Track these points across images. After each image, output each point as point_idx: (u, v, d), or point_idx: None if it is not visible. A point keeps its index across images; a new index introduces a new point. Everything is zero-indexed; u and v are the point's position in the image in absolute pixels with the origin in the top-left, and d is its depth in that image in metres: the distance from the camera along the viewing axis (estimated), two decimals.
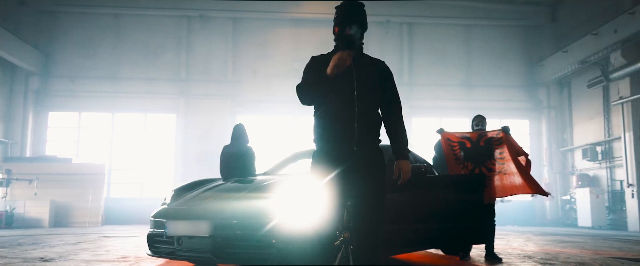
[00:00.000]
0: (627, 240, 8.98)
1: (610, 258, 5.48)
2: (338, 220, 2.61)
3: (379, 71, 2.72)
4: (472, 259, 5.16)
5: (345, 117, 2.56)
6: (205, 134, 16.46)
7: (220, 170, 5.55)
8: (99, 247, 6.35)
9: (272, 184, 3.81)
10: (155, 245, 3.84)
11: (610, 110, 14.70)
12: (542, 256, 5.53)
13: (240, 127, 5.67)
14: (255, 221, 3.37)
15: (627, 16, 13.13)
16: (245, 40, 17.37)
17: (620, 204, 14.05)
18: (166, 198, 4.22)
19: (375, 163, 2.60)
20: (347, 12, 2.68)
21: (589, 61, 14.81)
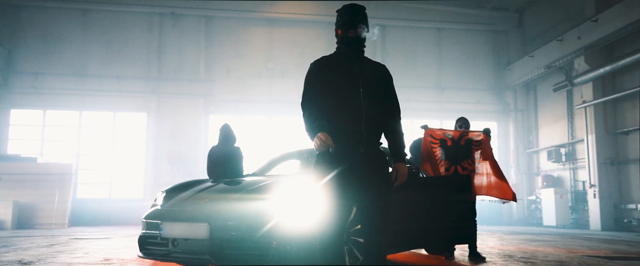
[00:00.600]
0: (593, 239, 9.38)
1: (584, 256, 5.73)
2: (345, 221, 2.63)
3: (381, 74, 2.77)
4: (456, 258, 5.29)
5: (353, 119, 2.59)
6: (177, 134, 16.19)
7: (207, 171, 5.49)
8: (75, 250, 6.16)
9: (269, 185, 3.80)
10: (147, 246, 3.76)
11: (573, 114, 15.31)
12: (521, 255, 5.72)
13: (227, 127, 5.63)
14: (253, 222, 3.36)
15: (590, 24, 13.70)
16: (218, 39, 17.17)
17: (583, 204, 14.65)
18: (157, 199, 4.14)
19: (380, 164, 2.65)
20: (349, 15, 2.71)
21: (554, 66, 15.38)
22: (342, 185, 2.54)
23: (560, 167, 15.77)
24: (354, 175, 2.55)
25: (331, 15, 14.61)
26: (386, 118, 2.73)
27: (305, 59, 17.25)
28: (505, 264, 4.84)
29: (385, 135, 2.76)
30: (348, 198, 2.57)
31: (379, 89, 2.70)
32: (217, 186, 4.16)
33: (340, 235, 2.56)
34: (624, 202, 13.34)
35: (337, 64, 2.70)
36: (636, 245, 7.76)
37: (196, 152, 16.21)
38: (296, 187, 3.67)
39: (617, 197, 13.51)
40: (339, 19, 2.76)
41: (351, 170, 2.55)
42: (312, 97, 2.68)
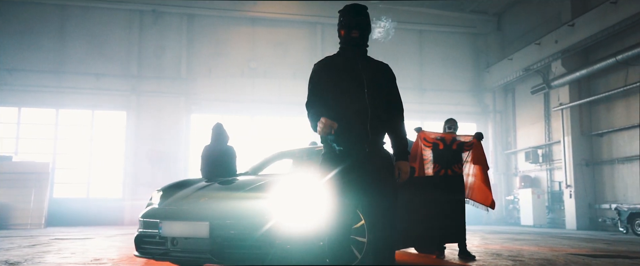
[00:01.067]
0: (571, 238, 9.65)
1: (568, 254, 5.90)
2: (351, 220, 2.64)
3: (384, 73, 2.78)
4: (446, 257, 5.38)
5: (358, 119, 2.60)
6: (157, 133, 15.97)
7: (201, 170, 5.47)
8: (60, 250, 6.03)
9: (269, 184, 3.80)
10: (144, 245, 3.72)
11: (550, 116, 15.71)
12: (508, 254, 5.86)
13: (220, 127, 5.61)
14: (254, 221, 3.36)
15: (567, 28, 14.09)
16: (200, 37, 17.01)
17: (559, 204, 15.04)
18: (152, 199, 4.09)
19: (385, 163, 2.67)
20: (352, 15, 2.71)
21: (532, 69, 15.74)
22: (348, 184, 2.55)
23: (537, 168, 16.15)
24: (360, 174, 2.57)
25: (314, 15, 15.01)
26: (390, 117, 2.75)
27: (288, 59, 17.27)
28: (495, 262, 4.95)
29: (389, 133, 2.77)
30: (354, 197, 2.58)
31: (382, 88, 2.72)
32: (215, 185, 4.14)
33: (347, 234, 2.58)
34: (598, 202, 13.75)
35: (340, 64, 2.71)
36: (614, 244, 8.02)
37: (177, 151, 16.04)
38: (296, 185, 3.68)
39: (592, 197, 13.91)
40: (341, 19, 2.75)
41: (357, 169, 2.56)
42: (316, 97, 2.69)
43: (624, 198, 12.87)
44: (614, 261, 5.17)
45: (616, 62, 12.55)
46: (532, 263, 4.84)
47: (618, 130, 13.20)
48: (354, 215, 2.67)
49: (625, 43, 12.66)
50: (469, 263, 4.98)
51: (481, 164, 5.25)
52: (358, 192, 2.58)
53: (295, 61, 17.32)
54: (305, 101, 2.75)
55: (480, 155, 5.29)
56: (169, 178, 15.70)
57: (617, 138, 13.29)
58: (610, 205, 13.02)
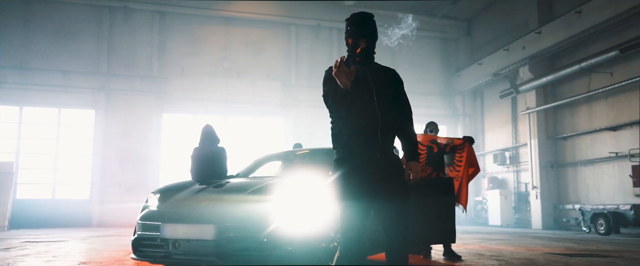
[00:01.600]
0: (541, 237, 10.04)
1: (546, 254, 6.16)
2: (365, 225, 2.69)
3: (391, 79, 2.85)
4: (433, 257, 5.52)
5: (369, 126, 2.66)
6: (128, 132, 15.59)
7: (191, 172, 5.40)
8: (39, 253, 5.83)
9: (272, 186, 3.82)
10: (143, 248, 3.66)
11: (518, 119, 16.27)
12: (490, 254, 6.06)
13: (209, 128, 5.56)
14: (260, 223, 3.37)
15: (534, 35, 14.64)
16: (172, 35, 16.72)
17: (525, 204, 15.60)
18: (149, 201, 4.04)
19: (397, 168, 2.74)
20: (359, 24, 2.77)
21: (500, 74, 16.26)
22: (361, 188, 2.61)
23: (504, 170, 16.69)
24: (373, 178, 2.63)
25: (289, 16, 15.06)
26: (399, 122, 2.82)
27: (262, 59, 17.21)
28: (480, 262, 5.12)
29: (399, 136, 2.84)
30: (367, 201, 2.64)
31: (390, 94, 2.79)
32: (214, 187, 4.12)
33: (361, 239, 2.64)
34: (562, 203, 14.34)
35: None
36: (582, 242, 8.41)
37: (148, 151, 15.72)
38: (300, 188, 3.71)
39: (557, 197, 14.50)
40: (349, 28, 2.81)
41: (369, 173, 2.62)
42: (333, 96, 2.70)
43: (587, 199, 13.48)
44: (590, 260, 5.44)
45: (580, 69, 13.13)
46: (515, 263, 5.03)
47: (581, 134, 13.81)
48: (367, 219, 2.74)
49: (589, 51, 13.26)
50: (456, 263, 5.14)
51: (473, 167, 5.43)
52: (371, 196, 2.63)
53: (270, 62, 17.28)
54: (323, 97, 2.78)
55: (472, 158, 5.47)
56: (139, 179, 15.41)
57: (580, 142, 13.90)
58: (574, 206, 13.62)
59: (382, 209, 2.68)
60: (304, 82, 17.35)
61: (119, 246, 6.77)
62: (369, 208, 2.69)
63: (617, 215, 11.07)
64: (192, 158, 5.62)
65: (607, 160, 12.90)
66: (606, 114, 13.02)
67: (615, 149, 12.62)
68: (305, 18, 17.53)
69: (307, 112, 16.95)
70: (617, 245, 7.93)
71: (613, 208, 11.25)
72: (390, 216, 2.66)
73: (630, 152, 12.08)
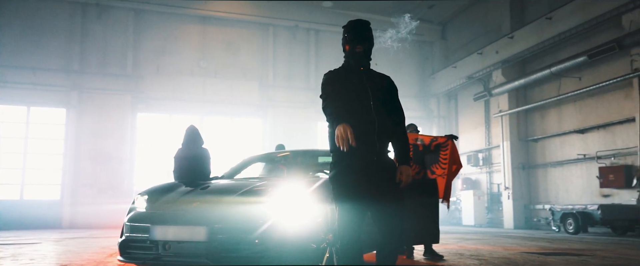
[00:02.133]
0: (514, 237, 10.32)
1: (523, 253, 6.35)
2: (362, 225, 2.75)
3: (387, 85, 2.94)
4: (415, 257, 5.63)
5: (367, 130, 2.72)
6: (101, 131, 15.27)
7: (174, 172, 5.34)
8: (14, 255, 5.66)
9: (263, 188, 3.83)
10: (131, 250, 3.62)
11: (490, 121, 16.66)
12: (469, 253, 6.21)
13: (194, 129, 5.52)
14: (253, 225, 3.38)
15: (507, 40, 15.05)
16: (148, 34, 16.45)
17: (498, 205, 15.99)
18: (136, 202, 3.98)
19: (392, 171, 2.81)
20: (356, 31, 2.84)
21: (474, 77, 16.63)
22: (359, 192, 2.67)
23: (478, 171, 17.07)
24: (370, 181, 2.70)
25: (266, 16, 15.09)
26: (393, 126, 2.90)
27: (239, 59, 17.11)
28: (461, 261, 5.25)
29: (392, 141, 2.92)
30: (365, 204, 2.71)
31: (386, 99, 2.88)
32: (203, 189, 4.10)
33: (359, 239, 2.69)
34: (533, 203, 14.77)
35: (347, 77, 2.84)
36: (554, 241, 8.70)
37: (122, 151, 15.42)
38: (292, 190, 3.73)
39: (528, 198, 14.92)
40: (346, 34, 2.87)
41: (367, 176, 2.69)
42: (332, 99, 2.75)
43: (556, 199, 13.91)
44: (565, 258, 5.64)
45: (550, 73, 13.54)
46: (495, 262, 5.18)
47: (551, 137, 14.26)
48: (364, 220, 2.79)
49: (559, 56, 13.70)
50: (438, 262, 5.25)
51: (456, 164, 5.58)
52: (369, 197, 2.70)
53: (247, 62, 17.20)
54: (322, 106, 2.82)
55: (455, 155, 5.61)
56: (113, 179, 15.11)
57: (550, 144, 14.35)
58: (544, 206, 14.04)
59: (378, 210, 2.75)
60: (282, 82, 17.33)
61: (98, 249, 6.64)
62: (366, 209, 2.76)
63: (585, 215, 11.46)
64: (176, 159, 5.57)
65: (575, 161, 13.35)
66: (575, 117, 13.48)
67: (583, 151, 13.07)
68: (283, 18, 17.51)
69: (285, 112, 16.97)
70: (587, 244, 8.23)
71: (581, 208, 11.65)
72: (385, 217, 2.73)
73: (597, 154, 12.54)
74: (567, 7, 12.81)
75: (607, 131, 12.47)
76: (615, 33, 11.80)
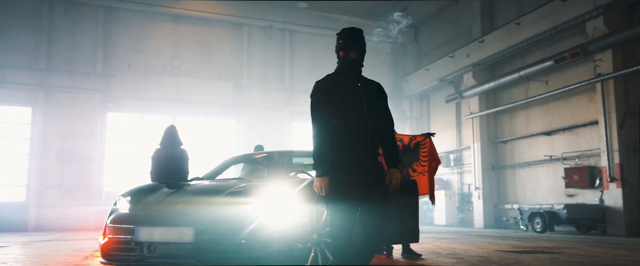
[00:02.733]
0: (485, 236, 10.59)
1: (496, 251, 6.54)
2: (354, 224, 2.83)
3: (378, 91, 3.07)
4: (393, 256, 5.73)
5: (360, 133, 2.84)
6: (69, 131, 14.86)
7: (151, 173, 5.29)
8: None
9: (250, 188, 3.82)
10: (114, 252, 3.57)
11: (462, 123, 17.04)
12: (446, 252, 6.36)
13: (173, 130, 5.48)
14: (240, 225, 3.39)
15: (477, 44, 15.43)
16: (119, 31, 16.10)
17: (468, 205, 16.37)
18: (118, 203, 3.92)
19: (381, 173, 2.93)
20: (350, 38, 2.98)
21: (446, 80, 16.98)
22: (352, 192, 2.78)
23: (449, 171, 17.42)
24: (363, 182, 2.80)
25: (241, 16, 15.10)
26: (384, 130, 3.00)
27: (213, 59, 16.96)
28: (439, 260, 5.38)
29: (382, 144, 3.03)
30: (357, 203, 2.80)
31: (377, 104, 2.99)
32: (187, 189, 4.06)
33: (352, 237, 2.76)
34: (502, 203, 15.18)
35: (340, 83, 2.95)
36: (524, 240, 8.98)
37: (92, 151, 15.05)
38: (278, 190, 3.75)
39: (497, 198, 15.33)
40: (340, 41, 3.00)
41: (360, 177, 2.80)
42: (323, 117, 2.86)
43: (524, 199, 14.35)
44: (536, 256, 5.85)
45: (519, 77, 13.96)
46: (472, 260, 5.33)
47: (519, 138, 14.69)
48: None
49: (527, 60, 14.15)
50: (416, 261, 5.36)
51: (435, 161, 5.71)
52: (360, 197, 2.79)
53: (221, 61, 17.06)
54: (311, 114, 2.90)
55: (434, 153, 5.74)
56: (81, 180, 14.74)
57: (519, 146, 14.78)
58: (512, 206, 14.46)
59: (365, 209, 2.84)
60: (257, 83, 17.26)
61: (71, 252, 6.48)
62: (358, 208, 2.84)
63: (551, 214, 11.87)
64: (153, 159, 5.52)
65: (542, 162, 13.80)
66: (542, 120, 13.93)
67: (550, 153, 13.53)
68: (258, 18, 17.45)
69: (260, 113, 16.92)
70: (555, 242, 8.53)
71: (548, 208, 12.06)
72: (370, 216, 2.83)
73: (563, 155, 13.00)
74: (535, 13, 13.25)
75: (572, 133, 12.95)
76: (580, 39, 12.27)
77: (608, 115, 11.43)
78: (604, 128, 11.49)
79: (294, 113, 17.36)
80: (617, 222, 11.08)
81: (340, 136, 2.82)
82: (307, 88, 16.36)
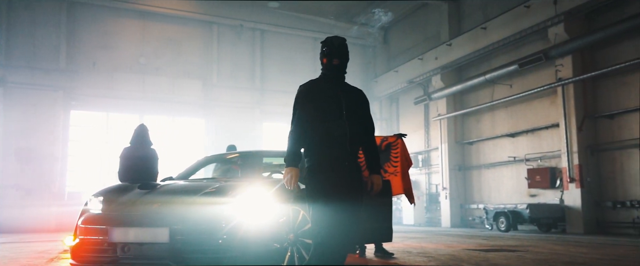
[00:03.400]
0: (453, 235, 10.83)
1: (465, 250, 6.70)
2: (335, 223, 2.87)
3: (359, 98, 3.15)
4: (366, 255, 5.79)
5: (339, 137, 2.93)
6: (29, 129, 14.31)
7: (118, 173, 5.16)
8: None
9: (225, 188, 3.80)
10: (85, 253, 3.48)
11: (430, 125, 17.36)
12: (417, 251, 6.48)
13: (144, 129, 5.37)
14: (217, 225, 3.37)
15: (445, 47, 15.76)
16: (83, 27, 15.62)
17: (436, 205, 16.69)
18: (89, 204, 3.82)
19: (358, 176, 3.02)
20: (334, 47, 3.06)
21: (415, 81, 17.26)
22: (332, 193, 2.85)
23: (418, 172, 17.71)
24: (340, 184, 2.89)
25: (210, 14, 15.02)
26: (364, 136, 3.09)
27: (182, 57, 16.69)
28: (410, 258, 5.47)
29: (363, 150, 3.12)
30: (336, 204, 2.85)
31: (358, 110, 3.07)
32: (161, 190, 4.00)
33: (334, 237, 2.82)
34: (468, 203, 15.55)
35: (323, 88, 3.05)
36: (490, 239, 9.23)
37: (53, 150, 14.54)
38: (255, 190, 3.75)
39: (463, 198, 15.70)
40: (324, 48, 3.09)
41: (338, 180, 2.89)
42: (301, 119, 2.96)
43: (489, 199, 14.75)
44: (503, 254, 6.03)
45: (485, 80, 14.34)
46: (442, 259, 5.45)
47: (485, 140, 15.09)
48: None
49: (493, 64, 14.55)
50: (389, 260, 5.44)
51: (407, 162, 5.81)
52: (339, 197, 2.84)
53: (190, 60, 16.80)
54: (292, 117, 2.95)
55: (406, 154, 5.83)
56: (42, 180, 14.24)
57: (484, 147, 15.18)
58: (478, 205, 14.82)
59: (341, 209, 2.89)
60: (226, 82, 17.09)
61: (34, 254, 6.25)
62: (336, 208, 2.89)
63: (515, 214, 12.25)
64: (122, 159, 5.40)
65: (506, 163, 14.22)
66: (506, 122, 14.36)
67: (514, 154, 13.96)
68: (228, 17, 17.28)
69: (230, 112, 16.75)
70: (519, 240, 8.82)
71: (512, 207, 12.44)
72: (346, 217, 2.88)
73: (526, 157, 13.44)
74: (500, 18, 13.64)
75: (535, 135, 13.40)
76: (543, 44, 12.72)
77: (568, 118, 11.89)
78: (564, 131, 11.94)
79: (265, 113, 17.28)
80: (576, 221, 11.53)
81: (319, 139, 2.89)
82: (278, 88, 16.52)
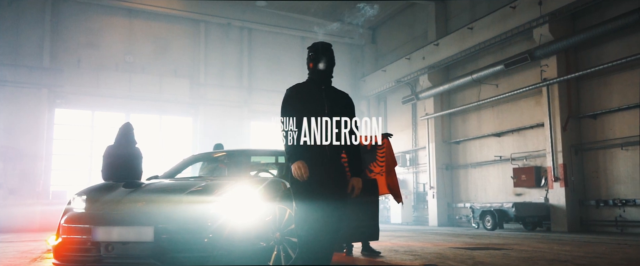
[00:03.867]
0: (439, 233, 10.90)
1: (451, 248, 6.75)
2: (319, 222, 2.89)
3: (344, 101, 3.19)
4: (353, 254, 5.80)
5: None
6: (12, 127, 14.12)
7: (102, 171, 5.10)
8: None
9: (211, 187, 3.77)
10: (68, 253, 3.43)
11: (417, 124, 17.44)
12: (404, 250, 6.50)
13: (129, 127, 5.32)
14: (202, 224, 3.35)
15: (433, 47, 15.85)
16: (67, 24, 15.44)
17: (423, 203, 16.78)
18: (73, 203, 3.77)
19: (340, 176, 3.06)
20: (320, 51, 3.12)
21: (402, 81, 17.33)
22: (316, 191, 2.90)
23: (405, 171, 17.79)
24: (323, 183, 2.93)
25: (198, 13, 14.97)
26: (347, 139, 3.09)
27: (169, 55, 16.57)
28: (397, 257, 5.50)
29: (346, 153, 3.16)
30: (319, 203, 2.89)
31: (342, 114, 3.10)
32: (146, 188, 3.96)
33: (318, 236, 2.84)
34: (455, 202, 15.66)
35: (308, 91, 3.10)
36: (476, 237, 9.31)
37: (37, 148, 14.36)
38: (241, 189, 3.73)
39: (450, 197, 15.80)
40: (311, 53, 3.14)
41: (322, 178, 2.93)
42: (290, 117, 2.97)
43: (476, 198, 14.87)
44: (489, 252, 6.09)
45: (472, 80, 14.44)
46: (429, 257, 5.48)
47: (472, 139, 15.20)
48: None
49: (479, 64, 14.67)
50: (376, 259, 5.46)
51: (393, 162, 5.82)
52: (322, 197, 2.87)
53: (177, 58, 16.69)
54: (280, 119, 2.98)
55: (391, 154, 5.84)
56: (26, 179, 14.05)
57: (471, 146, 15.30)
58: (465, 204, 14.94)
59: (326, 208, 2.92)
60: (214, 80, 17.00)
61: (17, 254, 6.16)
62: (322, 208, 2.91)
63: (501, 212, 12.37)
64: (105, 157, 5.34)
65: (492, 163, 14.34)
66: (492, 122, 14.48)
67: (500, 153, 14.08)
68: (215, 16, 17.19)
69: (217, 111, 16.67)
70: (505, 239, 8.90)
71: (498, 206, 12.56)
72: (329, 215, 2.90)
73: (512, 156, 13.58)
74: (487, 18, 13.75)
75: (520, 135, 13.54)
76: (528, 45, 12.85)
77: (553, 118, 12.03)
78: (549, 130, 12.08)
79: (253, 112, 17.23)
80: (560, 220, 11.67)
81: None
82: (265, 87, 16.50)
